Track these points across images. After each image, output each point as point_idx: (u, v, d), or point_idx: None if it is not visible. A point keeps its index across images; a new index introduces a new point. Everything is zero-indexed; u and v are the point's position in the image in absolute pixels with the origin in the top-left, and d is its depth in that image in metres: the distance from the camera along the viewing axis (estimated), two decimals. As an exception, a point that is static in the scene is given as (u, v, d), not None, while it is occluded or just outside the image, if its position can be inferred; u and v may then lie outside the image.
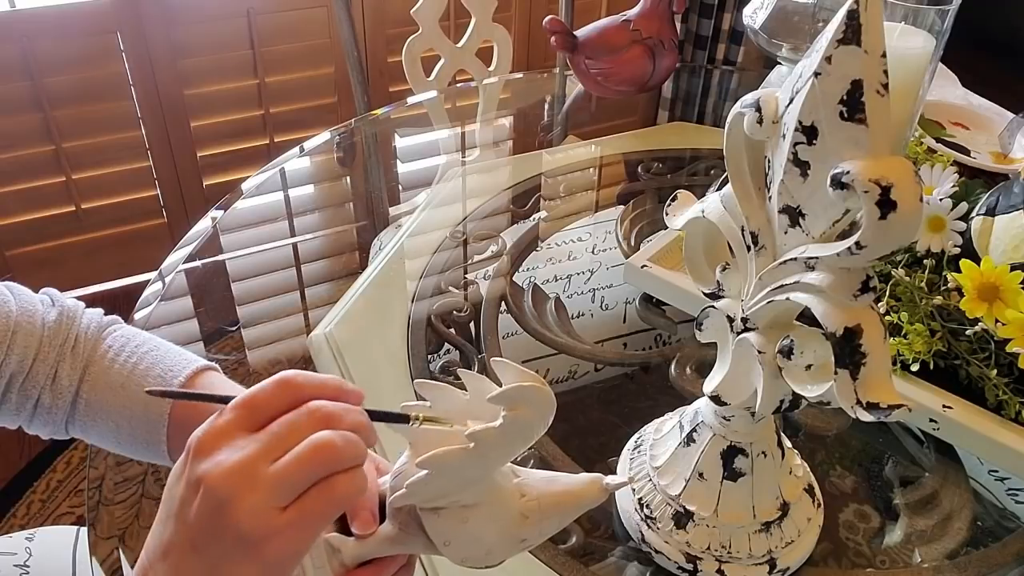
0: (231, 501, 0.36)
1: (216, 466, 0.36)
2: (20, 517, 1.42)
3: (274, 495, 0.36)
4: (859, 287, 0.40)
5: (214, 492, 0.36)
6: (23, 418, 0.57)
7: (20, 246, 1.69)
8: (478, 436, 0.38)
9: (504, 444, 0.39)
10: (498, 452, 0.39)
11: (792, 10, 1.03)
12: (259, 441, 0.37)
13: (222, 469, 0.36)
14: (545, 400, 0.39)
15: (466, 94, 1.35)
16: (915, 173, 0.37)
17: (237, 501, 0.36)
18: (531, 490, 0.43)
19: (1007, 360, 0.65)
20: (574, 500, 0.44)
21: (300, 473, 0.37)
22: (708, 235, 0.51)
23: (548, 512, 0.43)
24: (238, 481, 0.36)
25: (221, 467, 0.36)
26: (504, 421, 0.38)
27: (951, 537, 0.61)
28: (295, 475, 0.37)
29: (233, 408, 0.38)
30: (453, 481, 0.40)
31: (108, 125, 1.67)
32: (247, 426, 0.38)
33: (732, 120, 0.45)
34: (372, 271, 0.87)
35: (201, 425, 0.38)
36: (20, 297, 0.57)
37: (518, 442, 0.39)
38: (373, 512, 0.43)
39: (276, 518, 0.36)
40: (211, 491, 0.36)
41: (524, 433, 0.39)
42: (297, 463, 0.37)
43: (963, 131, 0.94)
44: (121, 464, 0.65)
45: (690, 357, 0.76)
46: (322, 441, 0.37)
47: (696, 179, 1.05)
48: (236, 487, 0.36)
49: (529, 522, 0.42)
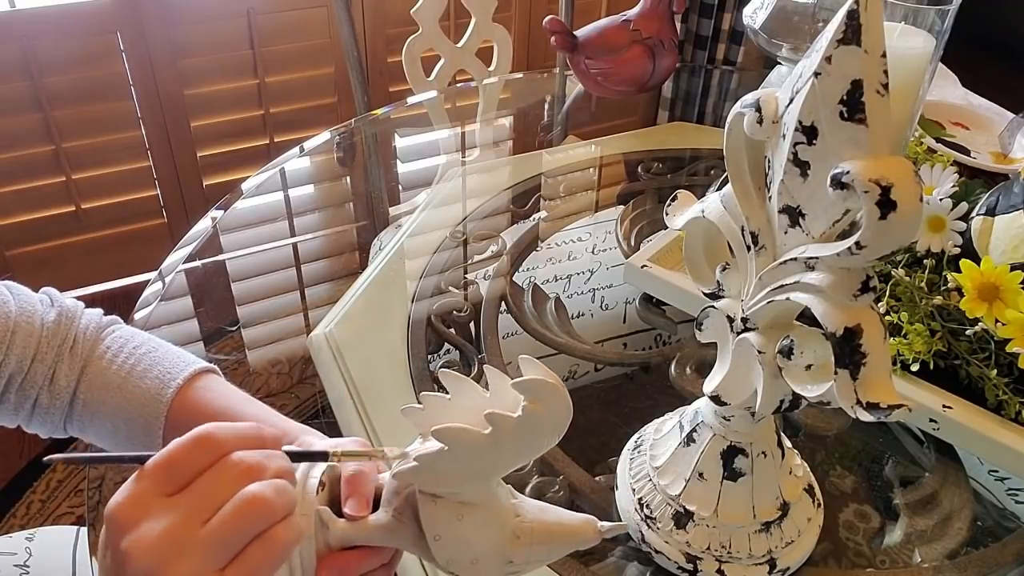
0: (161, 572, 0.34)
1: (139, 539, 0.35)
2: (20, 517, 1.42)
3: (209, 559, 0.35)
4: (859, 287, 0.40)
5: (142, 565, 0.34)
6: (22, 417, 0.57)
7: (20, 246, 1.69)
8: (495, 419, 0.38)
9: (518, 437, 0.39)
10: (511, 445, 0.39)
11: (792, 10, 1.03)
12: (183, 505, 0.36)
13: (147, 541, 0.35)
14: (562, 402, 0.39)
15: (466, 94, 1.35)
16: (915, 173, 0.37)
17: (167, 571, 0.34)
18: (527, 513, 0.43)
19: (1007, 360, 0.65)
20: (566, 534, 0.44)
21: (234, 532, 0.36)
22: (708, 235, 0.51)
23: (539, 538, 0.43)
24: (166, 551, 0.35)
25: (146, 539, 0.35)
26: (523, 412, 0.38)
27: (951, 537, 0.61)
28: (229, 535, 0.35)
29: (149, 472, 0.36)
30: (462, 464, 0.39)
31: (108, 125, 1.67)
32: (166, 490, 0.36)
33: (732, 120, 0.45)
34: (372, 271, 0.87)
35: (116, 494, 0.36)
36: (19, 297, 0.57)
37: (531, 440, 0.39)
38: (368, 498, 0.42)
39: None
40: (138, 564, 0.34)
41: (538, 430, 0.39)
42: (231, 522, 0.35)
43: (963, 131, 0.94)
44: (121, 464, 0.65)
45: (690, 357, 0.76)
46: (252, 495, 0.36)
47: (696, 179, 1.05)
48: (165, 557, 0.34)
49: (519, 543, 0.42)
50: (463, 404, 0.40)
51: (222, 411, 0.54)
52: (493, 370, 0.40)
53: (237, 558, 0.36)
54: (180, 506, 0.36)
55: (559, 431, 0.40)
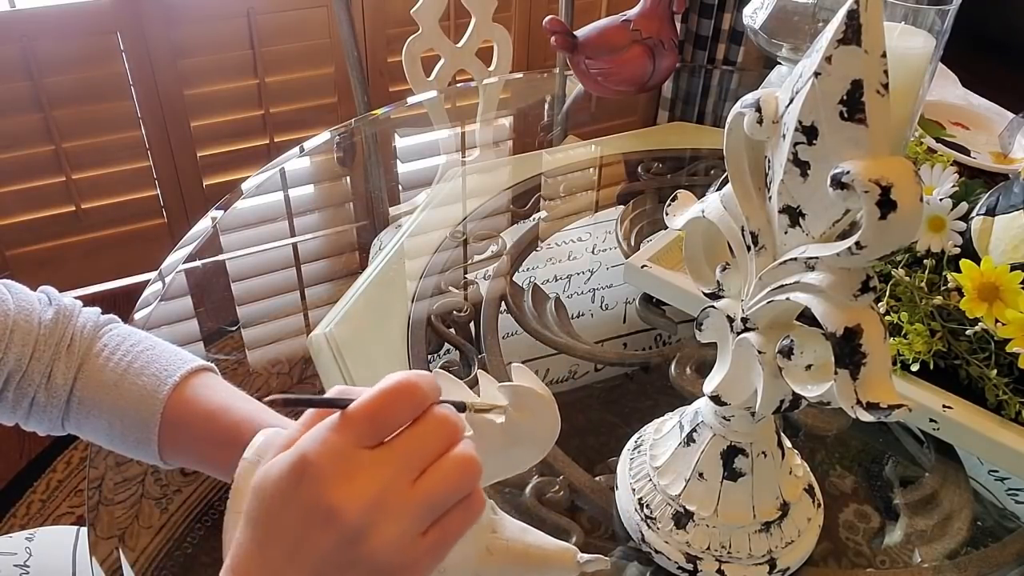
0: (371, 532, 0.33)
1: (352, 495, 0.33)
2: (20, 517, 1.42)
3: (418, 522, 0.34)
4: (859, 287, 0.40)
5: (352, 524, 0.33)
6: (19, 415, 0.57)
7: (20, 246, 1.69)
8: (477, 423, 0.37)
9: (500, 445, 0.38)
10: (492, 452, 0.38)
11: (792, 10, 1.03)
12: (393, 463, 0.34)
13: (361, 499, 0.33)
14: (550, 417, 0.37)
15: (466, 94, 1.35)
16: (915, 173, 0.37)
17: (378, 532, 0.33)
18: (504, 531, 0.42)
19: (1007, 360, 0.65)
20: (542, 558, 0.42)
21: (447, 495, 0.35)
22: (708, 235, 0.51)
23: (514, 558, 0.42)
24: (379, 511, 0.34)
25: (359, 497, 0.33)
26: (507, 419, 0.37)
27: (951, 537, 0.61)
28: (442, 497, 0.35)
29: (351, 422, 0.35)
30: None
31: (108, 125, 1.67)
32: (369, 442, 0.35)
33: (732, 120, 0.45)
34: (372, 271, 0.87)
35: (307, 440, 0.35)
36: (18, 296, 0.57)
37: (513, 450, 0.38)
38: None
39: (417, 545, 0.34)
40: (349, 523, 0.33)
41: (520, 441, 0.38)
42: (444, 484, 0.35)
43: (963, 131, 0.94)
44: (121, 464, 0.65)
45: (690, 357, 0.76)
46: (467, 457, 0.35)
47: (696, 179, 1.05)
48: (377, 518, 0.34)
49: (491, 560, 0.41)
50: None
51: (219, 408, 0.54)
52: (487, 376, 0.40)
53: (439, 522, 0.35)
54: (390, 463, 0.34)
55: (543, 447, 0.38)
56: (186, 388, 0.55)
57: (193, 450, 0.55)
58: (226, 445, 0.51)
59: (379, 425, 0.35)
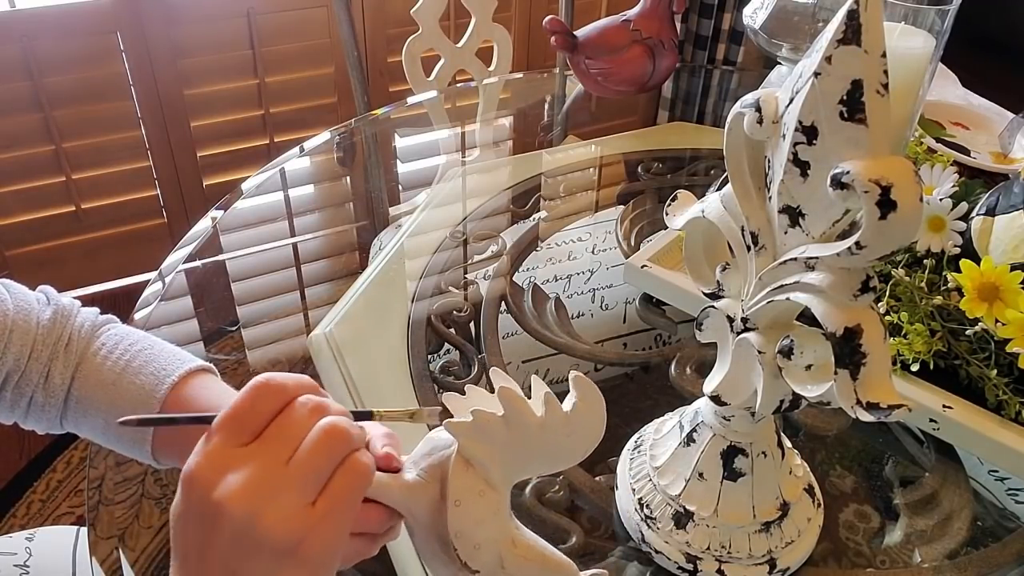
0: (259, 516, 0.35)
1: (229, 489, 0.35)
2: (20, 517, 1.42)
3: (302, 492, 0.36)
4: (859, 287, 0.40)
5: (238, 512, 0.35)
6: (18, 414, 0.57)
7: (20, 246, 1.69)
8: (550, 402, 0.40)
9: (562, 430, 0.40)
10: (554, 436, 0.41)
11: (792, 10, 1.03)
12: (263, 450, 0.36)
13: (238, 489, 0.35)
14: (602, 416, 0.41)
15: (466, 94, 1.35)
16: (915, 173, 0.37)
17: (265, 514, 0.35)
18: (523, 530, 0.45)
19: (1007, 360, 0.65)
20: (554, 565, 0.45)
21: (320, 460, 0.36)
22: (708, 235, 0.51)
23: (532, 556, 0.44)
24: (258, 493, 0.35)
25: (236, 488, 0.35)
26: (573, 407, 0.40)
27: (951, 537, 0.61)
28: (316, 464, 0.36)
29: (220, 428, 0.37)
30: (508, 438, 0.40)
31: (108, 125, 1.67)
32: (241, 441, 0.37)
33: (732, 120, 0.45)
34: (372, 271, 0.87)
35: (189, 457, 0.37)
36: (16, 295, 0.57)
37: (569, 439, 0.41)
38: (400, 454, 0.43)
39: (309, 516, 0.36)
40: (235, 512, 0.35)
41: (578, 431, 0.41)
42: (314, 451, 0.36)
43: (963, 131, 0.94)
44: (121, 464, 0.65)
45: (690, 357, 0.76)
46: (331, 424, 0.37)
47: (696, 179, 1.05)
48: (257, 500, 0.35)
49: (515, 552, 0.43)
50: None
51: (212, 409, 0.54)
52: (499, 372, 0.42)
53: (325, 490, 0.36)
54: (261, 451, 0.36)
55: (592, 442, 0.41)
56: (183, 388, 0.55)
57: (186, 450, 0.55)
58: None
59: (245, 422, 0.37)
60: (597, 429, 0.41)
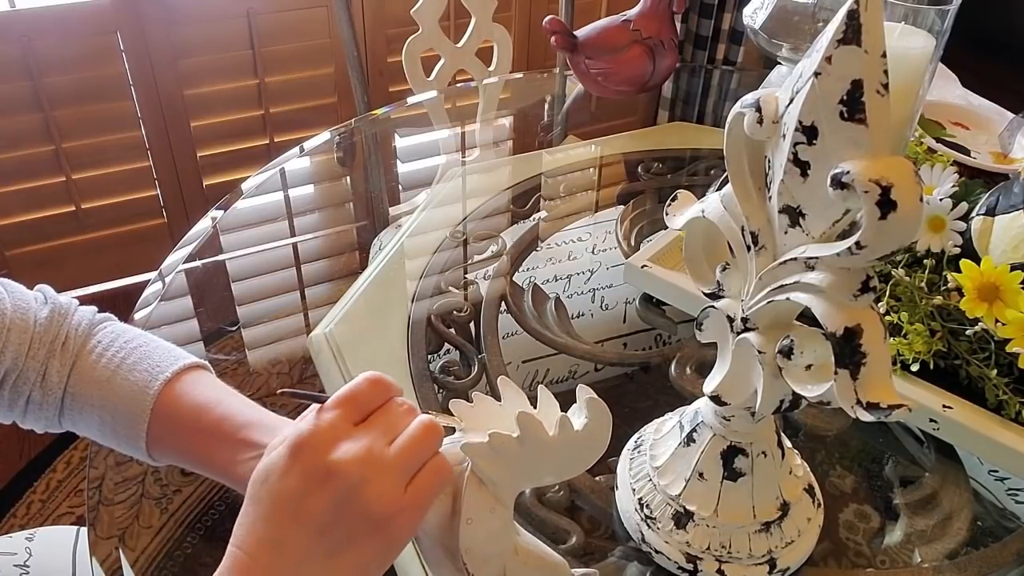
0: (364, 484, 0.39)
1: (346, 454, 0.40)
2: (20, 517, 1.42)
3: (402, 475, 0.40)
4: (859, 287, 0.40)
5: (348, 478, 0.39)
6: (16, 414, 0.57)
7: (20, 246, 1.69)
8: (565, 424, 0.41)
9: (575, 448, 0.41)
10: (568, 453, 0.42)
11: (792, 10, 1.03)
12: (373, 431, 0.41)
13: (354, 457, 0.39)
14: (608, 431, 0.42)
15: (466, 94, 1.35)
16: (915, 173, 0.37)
17: (369, 484, 0.39)
18: (523, 535, 0.46)
19: (1007, 360, 0.65)
20: (551, 567, 0.46)
21: (418, 453, 0.41)
22: (708, 235, 0.51)
23: (533, 561, 0.46)
24: (370, 466, 0.40)
25: (352, 455, 0.39)
26: (587, 426, 0.41)
27: (951, 537, 0.61)
28: (414, 455, 0.41)
29: (338, 404, 0.41)
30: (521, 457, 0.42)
31: (108, 125, 1.67)
32: (352, 420, 0.41)
33: (732, 120, 0.45)
34: (372, 271, 0.87)
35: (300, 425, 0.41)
36: (14, 295, 0.57)
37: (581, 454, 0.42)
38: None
39: (401, 497, 0.40)
40: (345, 477, 0.39)
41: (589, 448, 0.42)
42: (416, 442, 0.41)
43: (963, 131, 0.94)
44: (121, 464, 0.65)
45: (690, 357, 0.76)
46: (430, 423, 0.42)
47: (696, 179, 1.05)
48: (369, 471, 0.39)
49: (517, 559, 0.45)
50: (511, 411, 0.42)
51: (206, 404, 0.54)
52: (508, 383, 0.43)
53: (414, 480, 0.41)
54: (371, 431, 0.41)
55: (598, 455, 0.43)
56: (177, 385, 0.55)
57: (179, 446, 0.55)
58: (209, 439, 0.52)
59: (358, 404, 0.42)
60: (604, 444, 0.42)
